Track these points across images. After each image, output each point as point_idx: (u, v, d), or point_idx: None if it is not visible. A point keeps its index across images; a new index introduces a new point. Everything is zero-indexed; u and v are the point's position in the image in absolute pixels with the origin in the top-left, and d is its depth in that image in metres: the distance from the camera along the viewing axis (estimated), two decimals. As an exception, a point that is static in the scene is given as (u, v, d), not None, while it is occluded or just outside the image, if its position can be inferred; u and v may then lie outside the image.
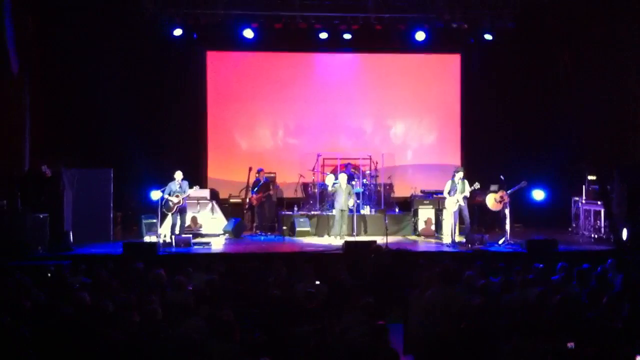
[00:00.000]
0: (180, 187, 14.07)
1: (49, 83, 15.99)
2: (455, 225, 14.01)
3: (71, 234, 13.36)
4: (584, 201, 15.44)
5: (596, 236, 14.64)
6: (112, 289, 8.54)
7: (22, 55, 14.16)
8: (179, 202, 14.02)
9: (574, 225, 15.95)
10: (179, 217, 14.16)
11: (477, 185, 13.86)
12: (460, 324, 7.00)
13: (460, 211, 14.00)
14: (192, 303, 7.78)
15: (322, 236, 15.14)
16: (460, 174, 13.98)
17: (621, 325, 6.74)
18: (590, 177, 15.33)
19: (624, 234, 13.24)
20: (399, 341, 8.09)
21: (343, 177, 14.89)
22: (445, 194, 14.12)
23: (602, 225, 14.57)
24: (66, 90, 16.30)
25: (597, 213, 14.82)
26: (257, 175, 15.79)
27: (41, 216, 12.98)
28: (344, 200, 14.60)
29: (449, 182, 14.10)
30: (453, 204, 13.93)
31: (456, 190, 13.89)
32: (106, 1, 15.86)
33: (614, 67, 15.87)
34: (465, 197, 13.88)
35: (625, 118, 16.05)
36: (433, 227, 15.34)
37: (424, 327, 7.46)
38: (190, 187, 14.16)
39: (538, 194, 15.16)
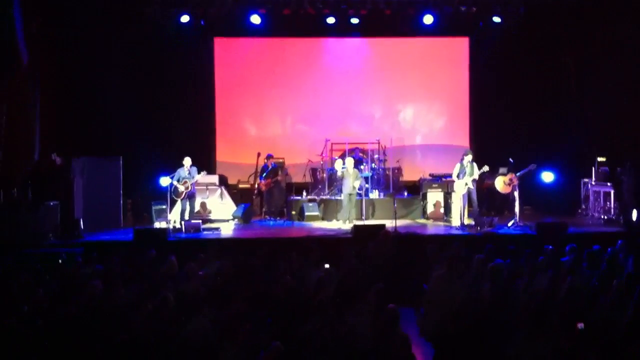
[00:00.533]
0: (189, 173, 14.12)
1: (58, 73, 16.02)
2: (464, 208, 14.02)
3: (82, 221, 13.45)
4: (593, 183, 15.40)
5: (606, 217, 14.61)
6: (125, 277, 8.60)
7: (31, 46, 14.17)
8: (187, 188, 14.08)
9: (583, 207, 15.91)
10: (188, 203, 14.22)
11: (485, 168, 13.85)
12: (465, 312, 7.04)
13: (469, 194, 13.99)
14: (204, 293, 7.81)
15: (331, 221, 15.17)
16: (469, 157, 13.97)
17: (632, 309, 6.74)
18: (599, 159, 15.28)
19: (634, 215, 13.21)
20: (410, 325, 8.13)
21: (350, 162, 14.88)
22: (454, 177, 14.11)
23: (612, 206, 14.54)
24: (75, 79, 16.34)
25: (607, 194, 14.78)
26: (265, 161, 15.82)
27: (52, 204, 13.07)
28: (351, 184, 14.60)
29: (458, 165, 14.09)
30: (462, 187, 13.93)
31: (465, 173, 13.88)
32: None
33: (626, 54, 15.74)
34: (474, 180, 13.88)
35: (636, 104, 15.96)
36: (442, 211, 15.34)
37: (431, 313, 7.51)
38: (199, 172, 14.22)
39: (547, 176, 15.13)
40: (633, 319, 6.43)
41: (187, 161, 14.23)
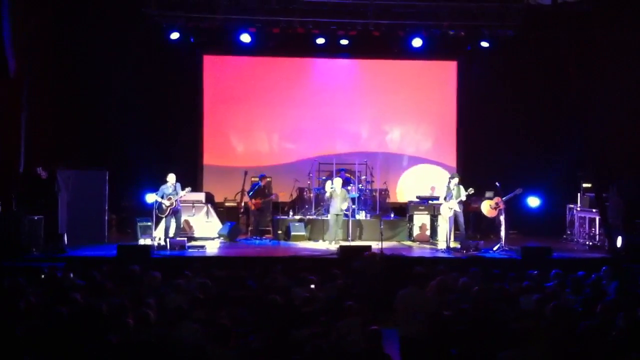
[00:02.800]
0: (174, 189, 14.04)
1: (46, 85, 15.96)
2: (450, 231, 14.05)
3: (66, 236, 13.33)
4: (578, 208, 15.49)
5: (591, 244, 14.68)
6: (106, 291, 8.52)
7: (19, 57, 14.13)
8: (171, 205, 13.97)
9: (568, 232, 15.99)
10: (172, 220, 14.13)
11: (471, 191, 13.90)
12: (433, 327, 7.08)
13: (455, 217, 14.03)
14: (188, 307, 7.76)
15: (317, 241, 15.13)
16: (456, 180, 14.03)
17: (616, 334, 6.75)
18: (585, 185, 15.38)
19: (619, 242, 13.27)
20: (393, 346, 8.08)
21: (338, 182, 14.90)
22: (441, 200, 14.15)
23: (597, 232, 14.60)
24: (63, 92, 16.32)
25: (592, 220, 14.86)
26: (257, 180, 15.80)
27: (36, 218, 12.95)
28: (339, 205, 14.61)
29: (445, 188, 14.14)
30: (448, 209, 13.97)
31: (452, 196, 13.93)
32: (105, 4, 15.85)
33: (615, 77, 15.96)
34: (460, 203, 13.91)
35: (623, 129, 16.16)
36: (428, 233, 15.35)
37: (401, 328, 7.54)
38: (183, 189, 14.11)
39: (533, 201, 15.21)
40: (616, 343, 6.43)
41: (172, 177, 14.15)
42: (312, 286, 9.42)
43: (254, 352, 6.06)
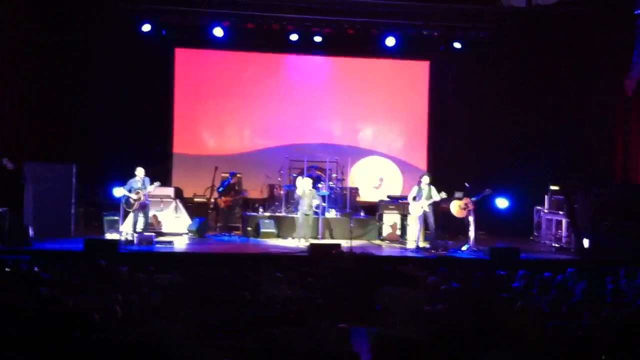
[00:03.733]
0: (143, 183, 13.87)
1: (13, 76, 15.66)
2: (420, 230, 14.10)
3: (31, 228, 13.12)
4: (546, 210, 15.64)
5: (557, 245, 14.83)
6: (72, 286, 8.40)
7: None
8: (139, 199, 13.77)
9: (535, 234, 16.14)
10: (140, 214, 13.94)
11: (443, 195, 13.92)
12: (419, 327, 7.06)
13: (425, 217, 14.07)
14: (156, 303, 7.68)
15: (287, 238, 15.07)
16: (427, 180, 14.06)
17: (581, 333, 6.82)
18: (553, 187, 15.53)
19: (586, 243, 13.44)
20: (361, 344, 8.07)
21: (307, 182, 14.84)
22: (410, 199, 14.20)
23: (563, 234, 14.77)
24: (30, 84, 15.99)
25: (559, 223, 15.02)
26: (227, 176, 15.71)
27: (1, 210, 12.73)
28: (307, 204, 14.57)
29: (415, 188, 14.18)
30: (418, 209, 14.01)
31: (422, 196, 13.97)
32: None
33: (585, 80, 16.17)
34: (431, 204, 13.95)
35: (590, 132, 16.39)
36: (398, 232, 15.37)
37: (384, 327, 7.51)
38: (151, 183, 13.94)
39: (502, 202, 15.30)
40: (582, 343, 6.51)
41: (140, 171, 13.96)
42: (281, 285, 9.39)
43: (221, 349, 6.00)
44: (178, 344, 6.06)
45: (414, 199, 14.10)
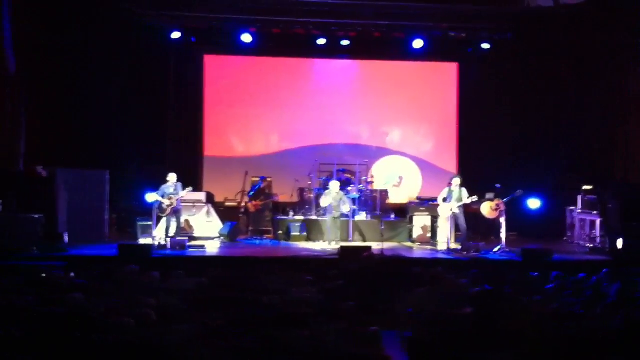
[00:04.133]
0: (175, 189, 14.03)
1: (46, 84, 15.93)
2: (450, 232, 14.03)
3: (66, 235, 13.32)
4: (579, 210, 15.45)
5: (591, 246, 14.64)
6: (106, 291, 8.51)
7: (19, 56, 14.12)
8: (171, 204, 13.94)
9: (569, 234, 15.95)
10: (173, 220, 14.10)
11: (474, 198, 13.83)
12: (447, 325, 7.04)
13: (456, 219, 14.01)
14: (185, 307, 7.74)
15: (317, 241, 15.11)
16: (458, 181, 14.00)
17: (616, 335, 6.73)
18: (585, 187, 15.34)
19: (619, 244, 13.25)
20: (393, 348, 8.06)
21: (335, 184, 14.88)
22: (440, 201, 14.16)
23: (597, 235, 14.57)
24: (63, 91, 16.28)
25: (593, 223, 14.82)
26: (257, 180, 15.82)
27: (35, 217, 12.92)
28: (335, 207, 14.60)
29: (446, 189, 14.14)
30: (447, 210, 13.96)
31: (452, 197, 13.91)
32: (105, 4, 15.84)
33: (613, 79, 15.94)
34: (461, 205, 13.88)
35: (621, 131, 16.14)
36: (429, 234, 15.32)
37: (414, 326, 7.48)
38: (184, 189, 14.10)
39: (534, 203, 15.15)
40: (616, 345, 6.42)
41: (172, 177, 14.14)
42: (312, 288, 9.41)
43: (247, 353, 6.03)
44: (185, 346, 6.10)
45: (444, 200, 14.05)
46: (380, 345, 6.59)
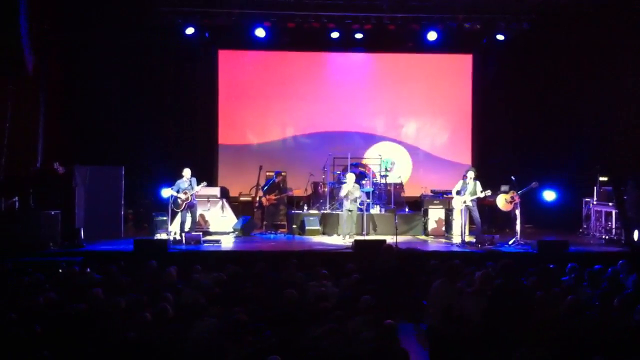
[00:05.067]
0: (190, 184, 14.09)
1: (63, 81, 16.08)
2: (465, 225, 14.01)
3: (82, 231, 13.43)
4: (595, 202, 15.37)
5: (607, 237, 14.57)
6: (124, 286, 8.59)
7: (37, 54, 14.22)
8: (187, 199, 13.99)
9: (584, 226, 15.88)
10: (188, 214, 14.16)
11: (488, 192, 13.79)
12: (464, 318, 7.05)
13: (470, 212, 13.97)
14: (204, 302, 7.80)
15: (332, 235, 15.13)
16: (472, 174, 13.95)
17: (634, 327, 6.72)
18: (601, 179, 15.26)
19: (636, 235, 13.18)
20: (409, 341, 8.09)
21: (351, 177, 14.88)
22: (454, 193, 14.13)
23: (614, 226, 14.50)
24: (79, 88, 16.44)
25: (609, 214, 14.75)
26: (273, 175, 15.87)
27: (53, 213, 13.04)
28: (350, 199, 14.60)
29: (460, 182, 14.11)
30: (460, 203, 13.94)
31: (466, 190, 13.88)
32: (120, 2, 15.90)
33: (629, 71, 15.78)
34: (475, 199, 13.84)
35: (638, 122, 15.97)
36: (443, 227, 15.31)
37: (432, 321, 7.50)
38: (199, 184, 14.17)
39: (549, 195, 15.11)
40: (633, 335, 6.41)
41: (187, 172, 14.18)
42: (327, 282, 9.44)
43: (269, 348, 6.07)
44: (222, 343, 6.15)
45: (458, 193, 14.02)
46: (396, 338, 6.61)
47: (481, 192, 13.70)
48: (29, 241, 12.43)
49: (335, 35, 16.90)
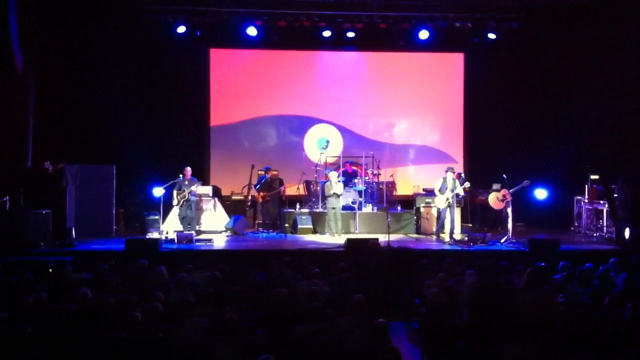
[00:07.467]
0: (190, 182, 14.36)
1: (53, 80, 15.97)
2: (453, 222, 14.09)
3: (73, 230, 13.38)
4: (586, 200, 15.43)
5: (598, 235, 14.62)
6: (114, 286, 8.55)
7: (26, 53, 14.15)
8: (184, 197, 14.25)
9: (576, 224, 15.94)
10: (188, 211, 14.31)
11: (467, 185, 13.92)
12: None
13: (452, 209, 14.10)
14: (194, 301, 7.78)
15: (324, 234, 15.13)
16: (451, 175, 14.20)
17: (624, 325, 6.73)
18: (592, 177, 15.31)
19: (627, 233, 13.23)
20: (400, 339, 8.09)
21: (333, 175, 14.93)
22: (436, 191, 14.27)
23: (605, 224, 14.55)
24: (69, 87, 16.35)
25: (600, 212, 14.81)
26: (263, 172, 15.89)
27: (43, 212, 12.99)
28: (334, 198, 14.67)
29: (440, 180, 14.31)
30: (443, 201, 14.05)
31: (446, 188, 14.02)
32: (110, 0, 15.86)
33: (618, 70, 15.86)
34: (455, 195, 13.95)
35: (628, 120, 16.06)
36: (435, 226, 15.33)
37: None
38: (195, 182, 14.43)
39: (540, 193, 15.16)
40: (624, 333, 6.42)
41: (187, 171, 14.41)
42: (319, 281, 9.43)
43: (260, 347, 6.06)
44: (211, 342, 6.13)
45: (439, 190, 14.16)
46: (387, 336, 6.60)
47: (461, 187, 13.84)
48: (20, 241, 12.38)
49: (326, 34, 16.90)
